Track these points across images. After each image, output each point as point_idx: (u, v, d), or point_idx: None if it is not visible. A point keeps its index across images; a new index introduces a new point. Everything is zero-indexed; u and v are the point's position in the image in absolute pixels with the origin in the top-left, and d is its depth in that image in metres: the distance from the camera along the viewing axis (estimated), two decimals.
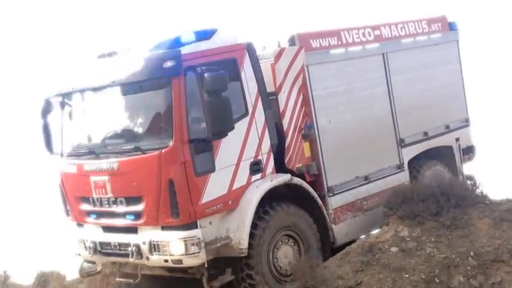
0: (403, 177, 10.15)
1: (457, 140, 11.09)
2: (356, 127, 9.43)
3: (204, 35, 7.77)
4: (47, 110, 8.45)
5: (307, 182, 8.63)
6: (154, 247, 7.45)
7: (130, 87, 7.58)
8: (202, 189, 7.44)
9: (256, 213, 7.87)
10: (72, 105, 8.46)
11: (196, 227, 7.38)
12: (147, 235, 7.54)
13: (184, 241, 7.26)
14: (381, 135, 9.87)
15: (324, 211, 8.67)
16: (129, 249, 7.63)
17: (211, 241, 7.55)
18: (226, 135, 7.45)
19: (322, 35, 9.13)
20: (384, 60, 10.06)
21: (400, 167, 10.12)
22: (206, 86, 7.15)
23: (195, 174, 7.36)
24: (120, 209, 7.71)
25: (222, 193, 7.66)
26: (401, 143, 10.16)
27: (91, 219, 8.17)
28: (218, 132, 7.32)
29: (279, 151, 8.47)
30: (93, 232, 8.22)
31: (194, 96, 7.34)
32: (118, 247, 7.84)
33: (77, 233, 8.49)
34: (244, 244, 7.64)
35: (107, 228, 8.05)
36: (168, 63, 7.12)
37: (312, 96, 8.80)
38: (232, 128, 7.44)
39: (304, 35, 8.89)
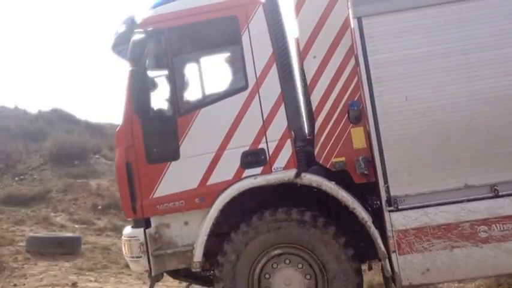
0: None
1: None
2: (473, 106, 5.94)
3: None
4: None
5: (355, 184, 6.09)
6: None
7: None
8: (157, 180, 6.18)
9: (235, 220, 6.19)
10: None
11: (144, 226, 6.18)
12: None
13: (128, 241, 6.24)
14: None
15: (372, 230, 5.89)
16: None
17: (183, 246, 6.26)
18: (144, 117, 6.12)
19: None
20: None
21: None
22: None
23: (147, 160, 6.21)
24: None
25: (189, 187, 6.19)
26: None
27: None
28: (135, 110, 6.11)
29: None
30: None
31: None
32: None
33: None
34: (197, 256, 6.09)
35: None
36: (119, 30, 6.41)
37: (367, 62, 5.99)
38: (145, 111, 6.09)
39: None
